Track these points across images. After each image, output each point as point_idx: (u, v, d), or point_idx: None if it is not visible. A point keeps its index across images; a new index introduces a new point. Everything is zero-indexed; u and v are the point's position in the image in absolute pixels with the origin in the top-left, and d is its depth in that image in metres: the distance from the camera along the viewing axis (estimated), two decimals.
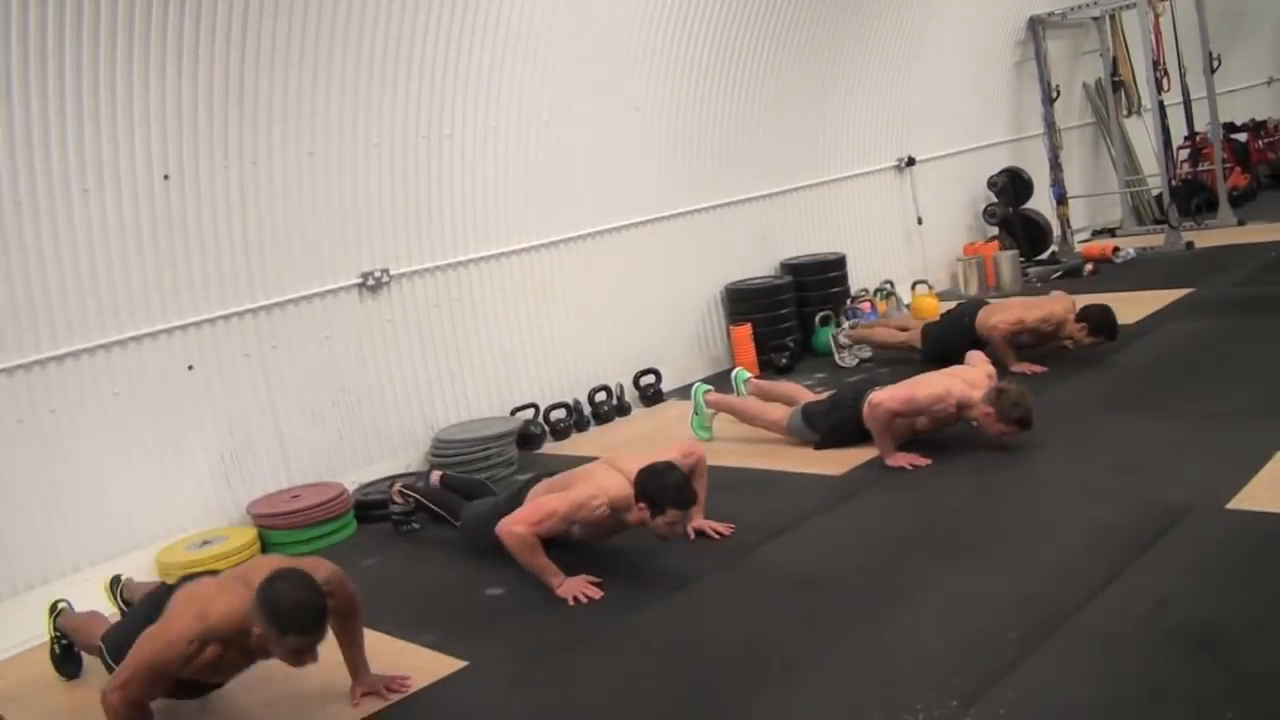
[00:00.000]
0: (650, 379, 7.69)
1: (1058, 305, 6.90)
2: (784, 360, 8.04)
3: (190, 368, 5.72)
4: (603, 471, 4.64)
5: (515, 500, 4.79)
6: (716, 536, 4.84)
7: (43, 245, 5.16)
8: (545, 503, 4.57)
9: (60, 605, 4.52)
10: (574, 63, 7.16)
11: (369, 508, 5.94)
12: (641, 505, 4.40)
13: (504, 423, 6.64)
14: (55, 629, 4.43)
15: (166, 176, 5.50)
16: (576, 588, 4.45)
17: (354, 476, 6.24)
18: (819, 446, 5.91)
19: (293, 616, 3.33)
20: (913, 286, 9.43)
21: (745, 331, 8.09)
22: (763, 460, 5.93)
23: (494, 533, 4.59)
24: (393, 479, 5.89)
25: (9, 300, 5.09)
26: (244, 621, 3.42)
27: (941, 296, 9.43)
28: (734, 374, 6.84)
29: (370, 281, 6.38)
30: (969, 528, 4.55)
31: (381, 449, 6.47)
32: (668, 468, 4.43)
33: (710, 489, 5.00)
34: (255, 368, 5.96)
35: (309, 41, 5.85)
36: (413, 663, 4.06)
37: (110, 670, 3.67)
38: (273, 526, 5.66)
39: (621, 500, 4.49)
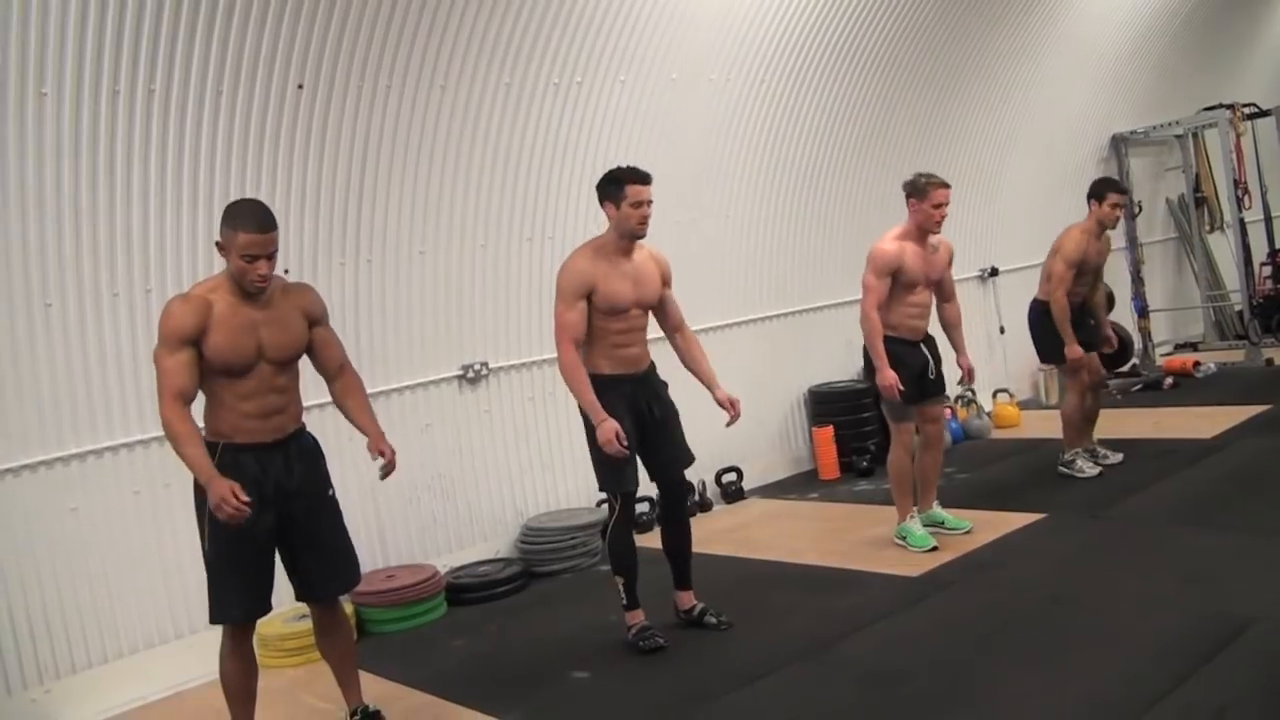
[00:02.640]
0: (732, 476, 7.91)
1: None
2: (865, 463, 8.20)
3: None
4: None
5: None
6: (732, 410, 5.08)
7: None
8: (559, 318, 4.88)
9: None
10: (670, 170, 7.44)
11: (460, 590, 6.16)
12: (606, 205, 4.80)
13: (590, 514, 6.83)
14: None
15: (286, 271, 5.77)
16: (610, 431, 4.70)
17: (445, 560, 6.45)
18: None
19: (245, 214, 3.84)
20: (994, 395, 9.56)
21: (828, 433, 8.28)
22: (842, 560, 6.08)
23: None
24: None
25: (134, 380, 5.42)
26: (219, 281, 3.91)
27: (1023, 405, 9.55)
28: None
29: (470, 374, 6.67)
30: (1039, 631, 4.67)
31: (473, 534, 6.69)
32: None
33: (788, 586, 5.16)
34: (360, 453, 6.10)
35: (425, 148, 6.24)
36: None
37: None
38: (368, 604, 5.88)
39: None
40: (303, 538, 4.11)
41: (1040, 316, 6.99)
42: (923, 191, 5.81)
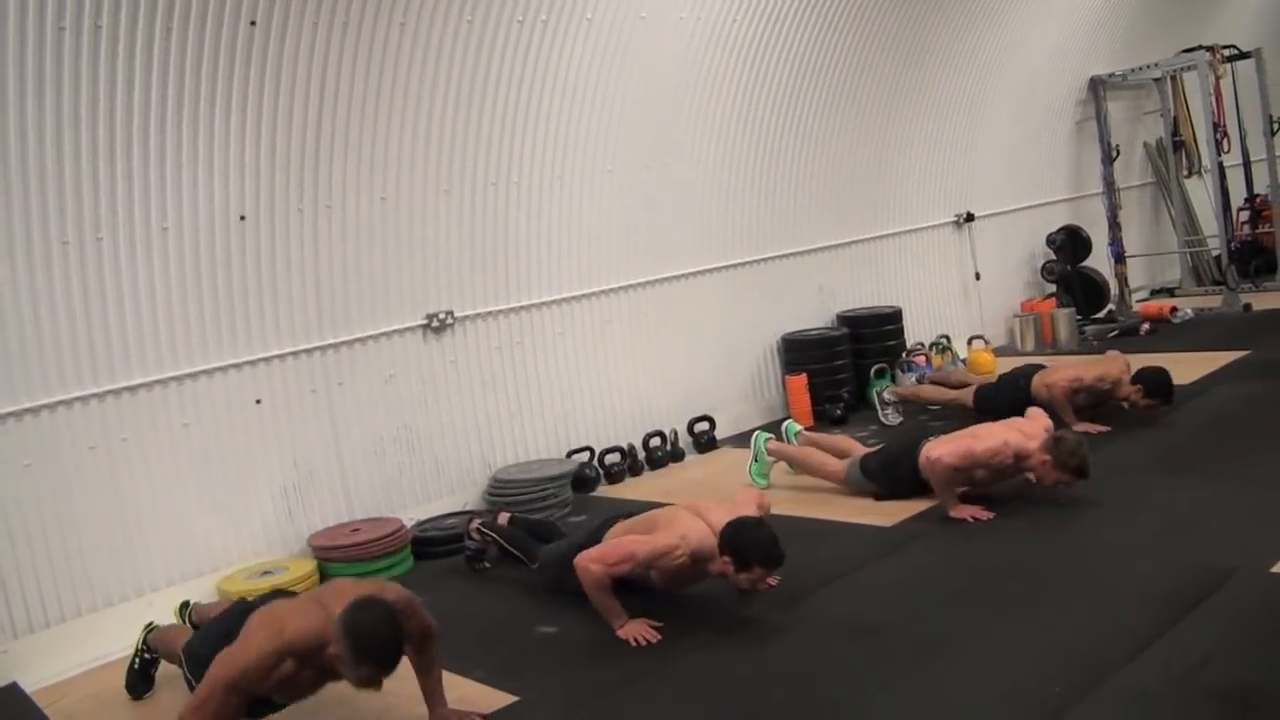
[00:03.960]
0: (705, 426, 7.80)
1: (1113, 365, 6.93)
2: (838, 411, 8.10)
3: (258, 401, 5.88)
4: (686, 519, 4.62)
5: (593, 540, 4.82)
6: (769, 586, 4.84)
7: (121, 280, 5.36)
8: (626, 544, 4.59)
9: (153, 625, 4.65)
10: (639, 117, 7.32)
11: (426, 544, 6.04)
12: (726, 559, 4.41)
13: (560, 465, 6.73)
14: (144, 644, 4.57)
15: (243, 217, 5.68)
16: (637, 631, 4.49)
17: (412, 513, 6.36)
18: (879, 498, 5.95)
19: (372, 647, 3.42)
20: (969, 342, 9.47)
21: (801, 382, 8.17)
22: (815, 510, 5.99)
23: (574, 571, 4.61)
24: (470, 515, 5.97)
25: (85, 332, 5.27)
26: (320, 638, 3.53)
27: (998, 352, 9.46)
28: (784, 426, 6.91)
29: (435, 323, 6.54)
30: (1017, 582, 4.59)
31: (440, 487, 6.58)
32: (757, 524, 4.44)
33: None
34: (321, 404, 6.11)
35: (385, 89, 6.04)
36: (464, 695, 4.15)
37: (189, 682, 3.81)
38: (332, 559, 5.78)
39: (704, 550, 4.49)
40: None
41: None
42: None
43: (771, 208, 8.44)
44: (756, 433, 6.79)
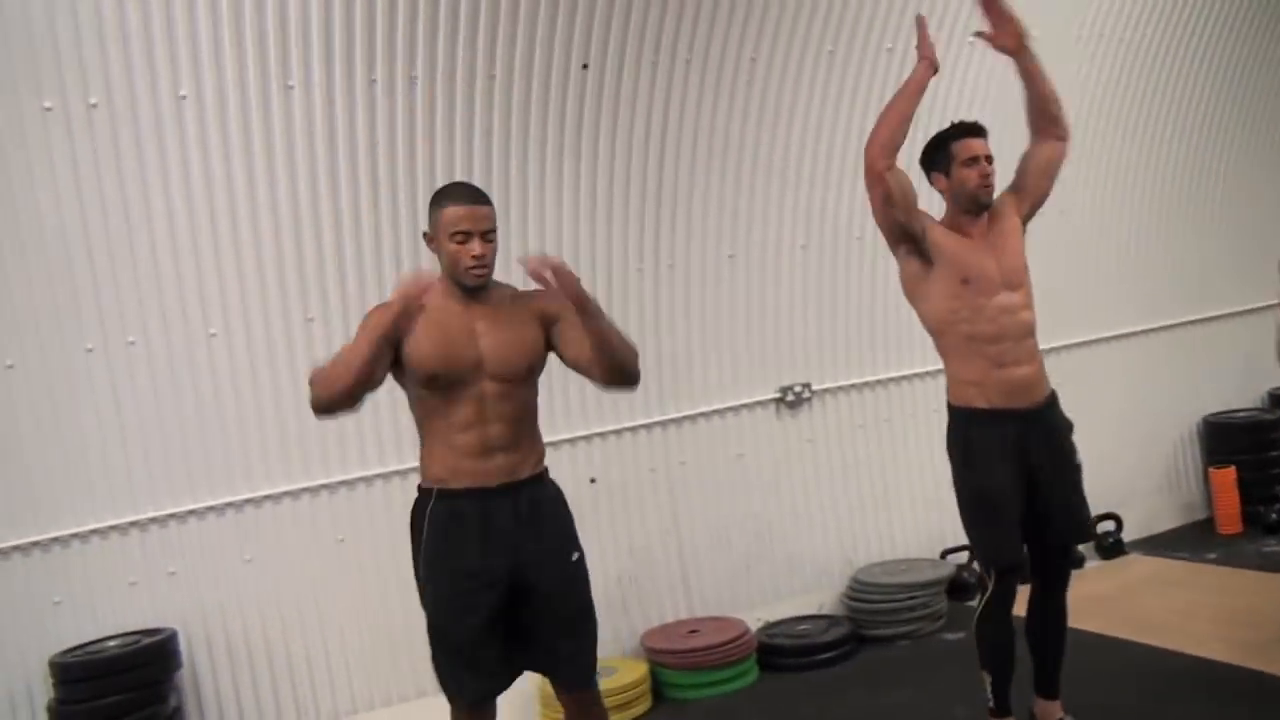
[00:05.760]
0: (1108, 526, 6.54)
1: None
2: (1275, 515, 6.63)
3: (593, 481, 5.40)
4: None
5: None
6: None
7: None
8: None
9: None
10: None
11: (774, 652, 5.35)
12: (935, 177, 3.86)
13: (933, 567, 5.82)
14: None
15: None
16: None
17: (759, 613, 5.65)
18: None
19: (452, 189, 3.26)
20: None
21: (1228, 476, 6.76)
22: (1259, 658, 4.66)
23: None
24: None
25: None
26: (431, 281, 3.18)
27: None
28: None
29: (789, 396, 5.85)
30: None
31: (792, 583, 5.84)
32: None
33: (1192, 692, 3.92)
34: (660, 485, 5.57)
35: (733, 132, 5.50)
36: None
37: None
38: (666, 664, 5.19)
39: None
40: (543, 611, 3.24)
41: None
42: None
43: (1184, 264, 7.13)
44: None
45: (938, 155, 3.81)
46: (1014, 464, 3.77)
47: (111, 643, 4.46)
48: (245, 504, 4.77)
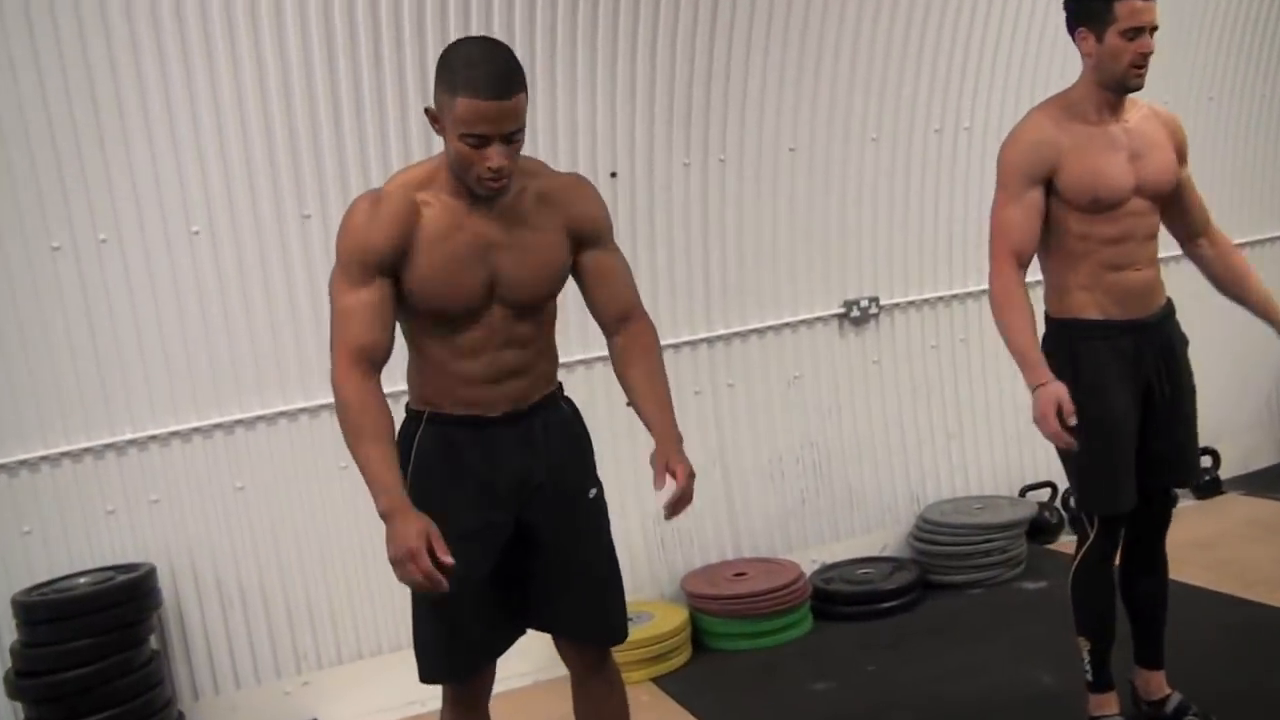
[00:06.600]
0: (1205, 461, 5.90)
1: None
2: None
3: (629, 404, 4.83)
4: None
5: None
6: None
7: None
8: None
9: None
10: None
11: (830, 599, 4.89)
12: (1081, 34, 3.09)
13: (1012, 506, 5.27)
14: None
15: (614, 174, 4.72)
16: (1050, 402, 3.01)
17: (814, 554, 5.19)
18: None
19: (470, 64, 2.37)
20: None
21: None
22: None
23: None
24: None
25: None
26: (433, 169, 2.55)
27: None
28: None
29: (854, 312, 5.29)
30: None
31: (852, 522, 5.35)
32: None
33: None
34: (705, 409, 5.06)
35: (795, 9, 4.88)
36: None
37: None
38: (709, 611, 4.74)
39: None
40: (550, 557, 2.69)
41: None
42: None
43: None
44: None
45: (1095, 5, 3.04)
46: (1130, 386, 3.19)
47: (82, 579, 4.04)
48: (236, 425, 4.32)
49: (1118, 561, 3.40)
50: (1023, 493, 5.49)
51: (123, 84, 3.97)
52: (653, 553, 4.94)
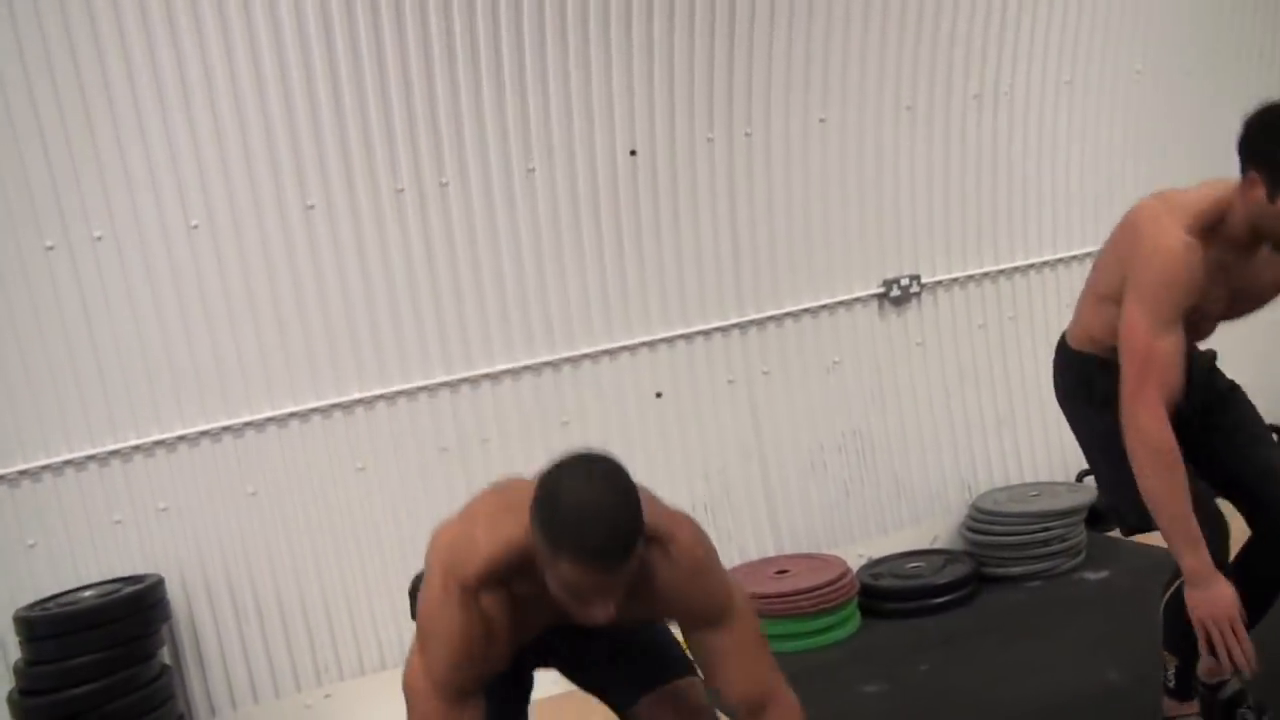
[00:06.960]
0: None
1: None
2: None
3: (658, 395, 4.77)
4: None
5: None
6: None
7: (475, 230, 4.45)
8: None
9: None
10: None
11: (879, 595, 4.71)
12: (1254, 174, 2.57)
13: (1070, 493, 5.04)
14: None
15: (634, 152, 4.60)
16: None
17: (860, 549, 5.02)
18: None
19: (579, 523, 1.96)
20: None
21: None
22: None
23: None
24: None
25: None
26: (520, 551, 2.14)
27: None
28: None
29: (895, 291, 5.14)
30: None
31: (900, 514, 5.19)
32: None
33: None
34: (740, 399, 4.92)
35: None
36: None
37: None
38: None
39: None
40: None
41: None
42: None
43: None
44: None
45: (1272, 150, 2.59)
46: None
47: (87, 593, 3.95)
48: (245, 428, 4.21)
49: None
50: (1080, 477, 5.27)
51: (110, 70, 3.85)
52: None
